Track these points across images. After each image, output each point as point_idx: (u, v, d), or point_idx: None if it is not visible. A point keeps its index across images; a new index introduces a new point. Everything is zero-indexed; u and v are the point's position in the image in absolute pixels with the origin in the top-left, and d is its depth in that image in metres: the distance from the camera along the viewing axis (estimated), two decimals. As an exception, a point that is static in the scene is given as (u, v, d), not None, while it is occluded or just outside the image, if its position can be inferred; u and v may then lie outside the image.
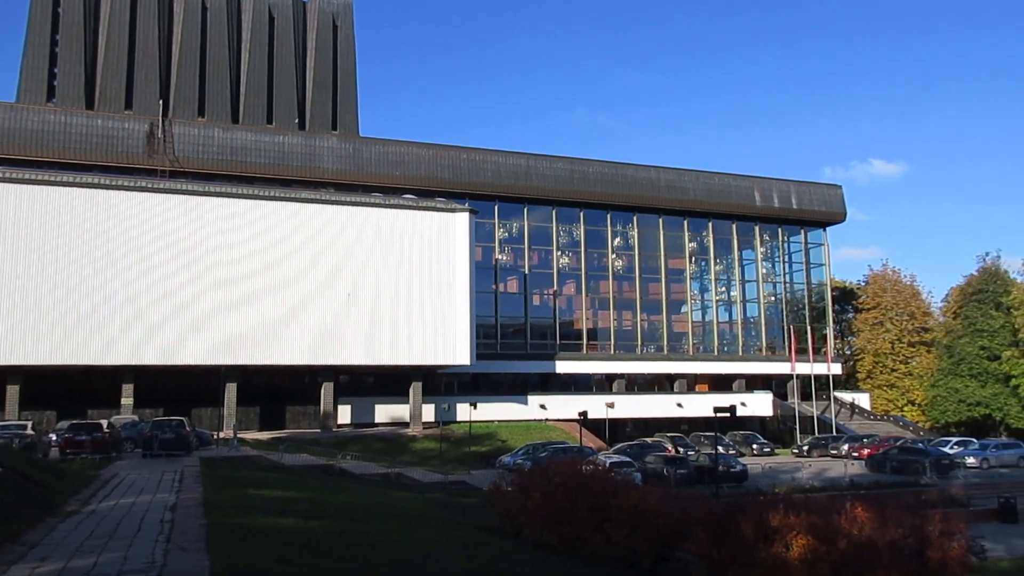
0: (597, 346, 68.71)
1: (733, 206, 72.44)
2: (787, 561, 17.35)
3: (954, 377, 71.61)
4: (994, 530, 31.45)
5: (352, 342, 49.48)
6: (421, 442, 50.22)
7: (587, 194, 67.32)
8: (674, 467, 38.15)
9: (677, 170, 71.58)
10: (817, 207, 75.56)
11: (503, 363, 63.26)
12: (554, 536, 20.12)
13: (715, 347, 72.67)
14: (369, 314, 49.86)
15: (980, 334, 71.17)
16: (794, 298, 77.58)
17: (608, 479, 22.36)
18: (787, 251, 78.21)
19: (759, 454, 54.40)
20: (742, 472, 39.21)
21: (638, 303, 69.91)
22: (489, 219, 64.61)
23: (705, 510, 20.42)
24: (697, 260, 74.53)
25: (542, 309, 67.62)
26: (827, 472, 42.98)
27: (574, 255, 68.97)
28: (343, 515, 19.41)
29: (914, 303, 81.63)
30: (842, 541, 17.82)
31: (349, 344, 49.41)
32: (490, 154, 65.26)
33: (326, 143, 60.91)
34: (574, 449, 41.22)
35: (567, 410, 56.08)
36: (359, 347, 49.66)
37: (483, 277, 61.68)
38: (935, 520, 18.88)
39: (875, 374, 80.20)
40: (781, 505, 19.49)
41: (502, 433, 54.45)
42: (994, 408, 69.55)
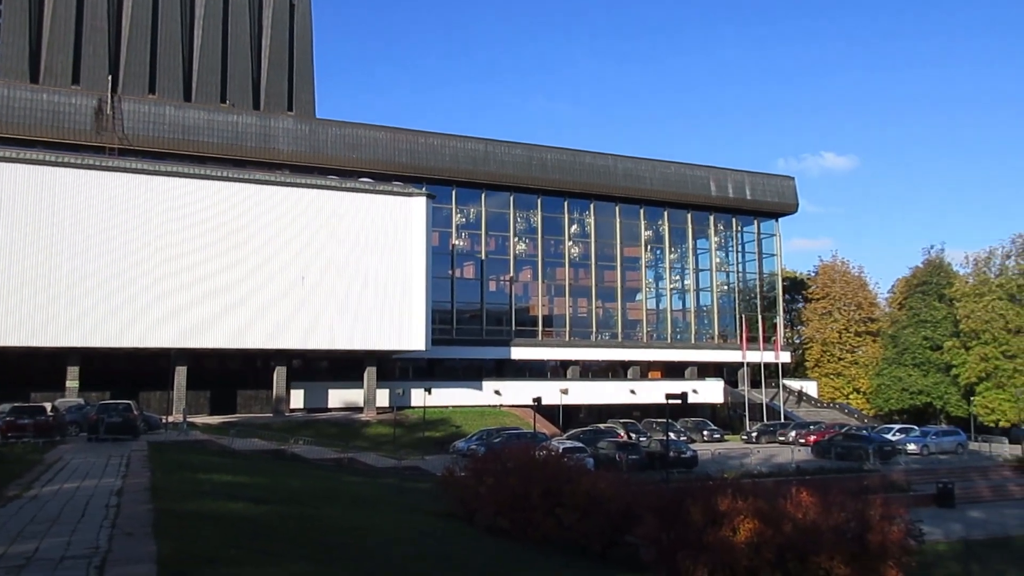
0: (552, 332, 69.03)
1: (689, 195, 73.19)
2: (734, 545, 17.72)
3: (898, 366, 73.56)
4: (932, 514, 32.49)
5: (306, 326, 48.93)
6: (375, 427, 50.01)
7: (545, 181, 67.40)
8: (626, 453, 38.60)
9: (634, 159, 72.05)
10: (770, 198, 76.74)
11: (458, 349, 63.24)
12: (507, 521, 20.24)
13: (668, 335, 73.54)
14: (323, 298, 49.34)
15: (923, 325, 73.16)
16: (746, 287, 78.83)
17: (561, 465, 22.53)
18: (740, 241, 79.35)
19: (709, 440, 55.25)
20: (692, 458, 39.80)
21: (593, 290, 70.37)
22: (446, 204, 64.32)
23: (655, 495, 20.71)
24: (652, 248, 75.22)
25: (498, 295, 67.68)
26: (775, 458, 43.87)
27: (531, 241, 69.09)
28: (294, 500, 19.28)
29: (861, 294, 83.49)
30: (787, 525, 18.25)
31: (303, 328, 48.85)
32: (448, 139, 64.92)
33: (281, 124, 59.92)
34: (528, 435, 41.43)
35: (522, 396, 56.30)
36: (313, 331, 49.14)
37: (440, 262, 61.45)
38: (876, 505, 19.44)
39: (823, 363, 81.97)
40: (729, 490, 19.87)
41: (456, 418, 54.48)
42: (935, 397, 71.65)
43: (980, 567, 24.03)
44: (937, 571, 22.72)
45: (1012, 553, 26.85)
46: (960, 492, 37.29)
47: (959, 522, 31.83)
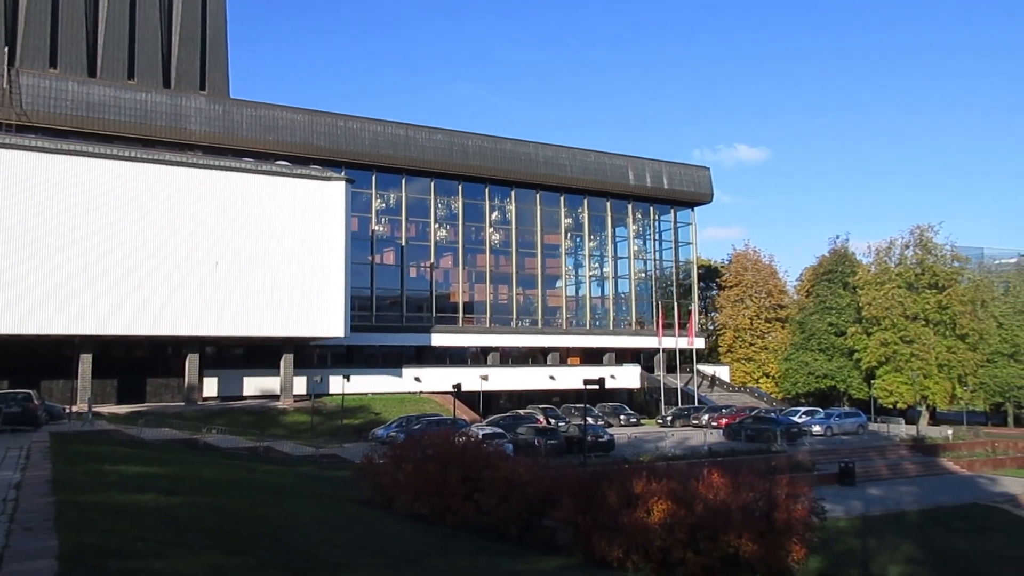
0: (473, 319, 69.09)
1: (608, 184, 74.18)
2: (648, 526, 18.21)
3: (805, 351, 76.56)
4: (834, 492, 34.09)
5: (219, 312, 47.53)
6: (292, 415, 49.16)
7: (466, 167, 67.21)
8: (545, 438, 39.05)
9: (555, 146, 72.54)
10: (686, 188, 78.47)
11: (378, 335, 62.64)
12: (425, 507, 20.27)
13: (587, 321, 74.56)
14: (238, 283, 48.01)
15: (829, 311, 76.30)
16: (663, 275, 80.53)
17: (480, 450, 22.67)
18: (658, 229, 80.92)
19: (626, 424, 56.42)
20: (609, 442, 40.56)
21: (514, 277, 70.71)
22: (366, 189, 63.46)
23: (573, 479, 21.08)
24: (572, 236, 75.99)
25: (419, 281, 67.28)
26: (688, 441, 45.12)
27: (452, 228, 68.85)
28: (207, 490, 18.82)
29: (772, 282, 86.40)
30: (699, 505, 18.85)
31: (216, 314, 47.44)
32: (368, 123, 63.96)
33: (193, 103, 57.86)
34: (448, 421, 41.46)
35: (442, 382, 56.24)
36: (227, 317, 47.78)
37: (359, 248, 60.64)
38: (782, 484, 20.29)
39: (735, 348, 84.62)
40: (644, 473, 20.41)
41: (376, 406, 54.06)
42: (839, 380, 74.92)
43: (877, 541, 25.30)
44: (837, 546, 23.80)
45: (906, 527, 28.37)
46: (860, 471, 39.18)
47: (859, 499, 33.43)
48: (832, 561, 21.62)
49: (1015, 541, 27.51)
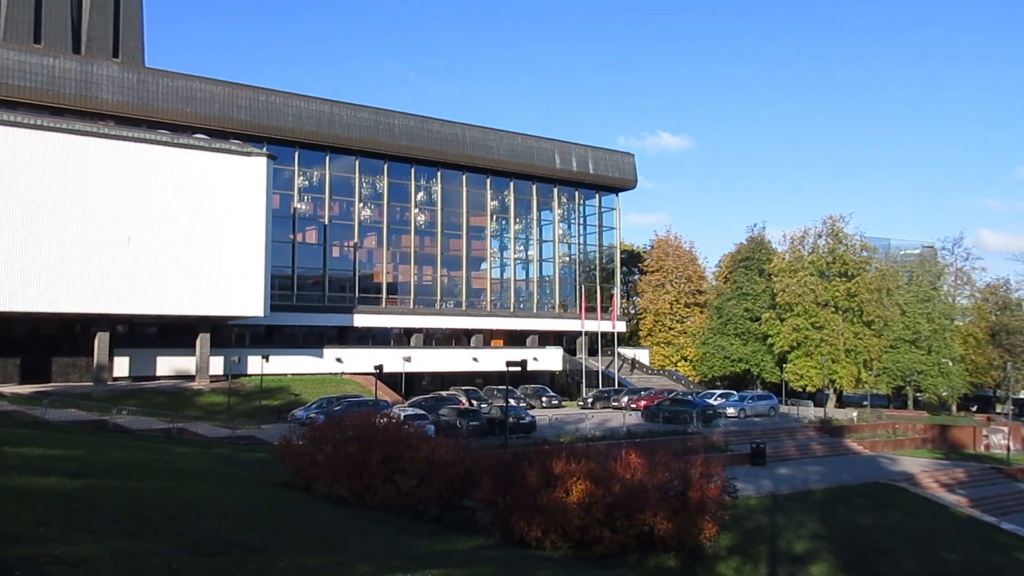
0: (397, 300, 68.53)
1: (534, 167, 74.40)
2: (567, 505, 18.53)
3: (721, 336, 78.73)
4: (746, 472, 35.25)
5: (132, 289, 45.78)
6: (208, 396, 47.92)
7: (392, 146, 66.35)
8: (467, 419, 39.13)
9: (482, 128, 72.29)
10: (611, 173, 79.36)
11: (299, 315, 61.56)
12: (345, 488, 20.14)
13: (512, 304, 74.89)
14: (152, 260, 46.30)
15: (745, 297, 78.59)
16: (586, 259, 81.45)
17: (401, 431, 22.63)
18: (582, 214, 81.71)
19: (548, 406, 57.01)
20: (531, 423, 40.91)
21: (439, 258, 70.38)
22: (288, 166, 62.02)
23: (493, 460, 21.25)
24: (498, 218, 76.04)
25: (342, 261, 66.31)
26: (608, 423, 45.89)
27: (376, 207, 68.01)
28: (116, 473, 18.20)
29: (692, 267, 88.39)
30: (617, 485, 19.27)
31: (128, 291, 45.67)
32: (291, 98, 62.41)
33: (105, 71, 55.31)
34: (369, 402, 41.13)
35: (364, 363, 55.65)
36: (140, 295, 46.06)
37: (280, 226, 59.31)
38: (697, 464, 20.91)
39: (655, 332, 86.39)
40: (564, 454, 20.72)
41: (296, 387, 53.18)
42: (753, 364, 77.37)
43: (784, 518, 26.31)
44: (748, 523, 24.65)
45: (812, 504, 29.60)
46: (771, 451, 40.62)
47: (769, 478, 34.67)
48: (742, 538, 22.38)
49: (911, 517, 29.05)
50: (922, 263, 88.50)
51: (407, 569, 11.44)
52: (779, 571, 19.63)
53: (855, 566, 20.75)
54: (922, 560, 22.15)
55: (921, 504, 32.17)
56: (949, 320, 77.12)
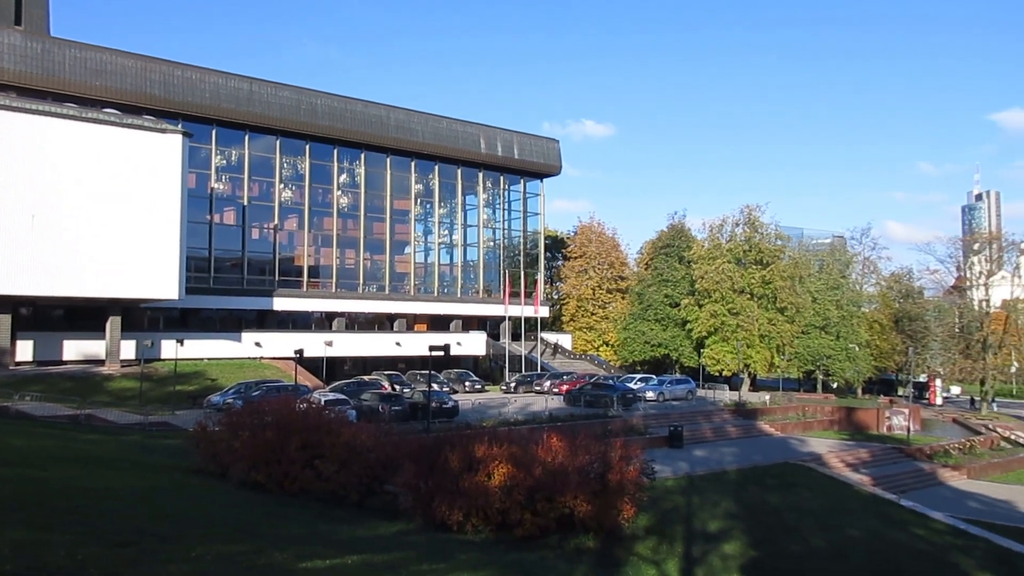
0: (318, 284, 67.38)
1: (459, 151, 74.04)
2: (489, 489, 18.63)
3: (642, 321, 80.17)
4: (664, 454, 36.15)
5: (36, 269, 43.63)
6: (118, 381, 46.24)
7: (314, 127, 64.96)
8: (389, 404, 38.92)
9: (407, 111, 71.47)
10: (536, 159, 79.65)
11: (216, 298, 59.91)
12: (262, 475, 19.80)
13: (435, 288, 74.57)
14: (59, 239, 44.22)
15: (665, 283, 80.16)
16: (511, 244, 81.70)
17: (322, 417, 22.34)
18: (507, 199, 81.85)
19: (471, 391, 57.13)
20: (453, 408, 40.95)
21: (362, 242, 69.45)
22: (205, 144, 60.08)
23: (415, 444, 21.20)
24: (422, 202, 75.48)
25: (261, 243, 64.73)
26: (531, 407, 46.31)
27: (298, 189, 66.57)
28: (17, 461, 17.41)
29: (614, 254, 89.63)
30: (538, 468, 19.48)
31: (32, 271, 43.52)
32: (208, 74, 60.33)
33: (6, 39, 52.31)
34: (289, 387, 40.49)
35: (284, 348, 54.61)
36: (45, 276, 43.93)
37: (197, 206, 57.47)
38: (617, 447, 21.30)
39: (578, 317, 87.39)
40: (486, 438, 20.81)
41: (212, 371, 51.79)
42: (672, 349, 79.08)
43: (700, 498, 27.08)
44: (665, 504, 25.28)
45: (726, 484, 30.55)
46: (688, 434, 41.70)
47: (686, 460, 35.61)
48: (659, 518, 22.93)
49: (817, 495, 30.30)
50: (832, 252, 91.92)
51: (326, 555, 11.32)
52: (693, 550, 20.19)
53: (765, 543, 21.51)
54: (827, 536, 23.12)
55: (827, 483, 33.56)
56: (856, 307, 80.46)
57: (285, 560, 10.66)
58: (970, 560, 22.10)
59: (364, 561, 12.01)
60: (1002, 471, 43.26)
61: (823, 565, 19.88)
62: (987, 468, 42.94)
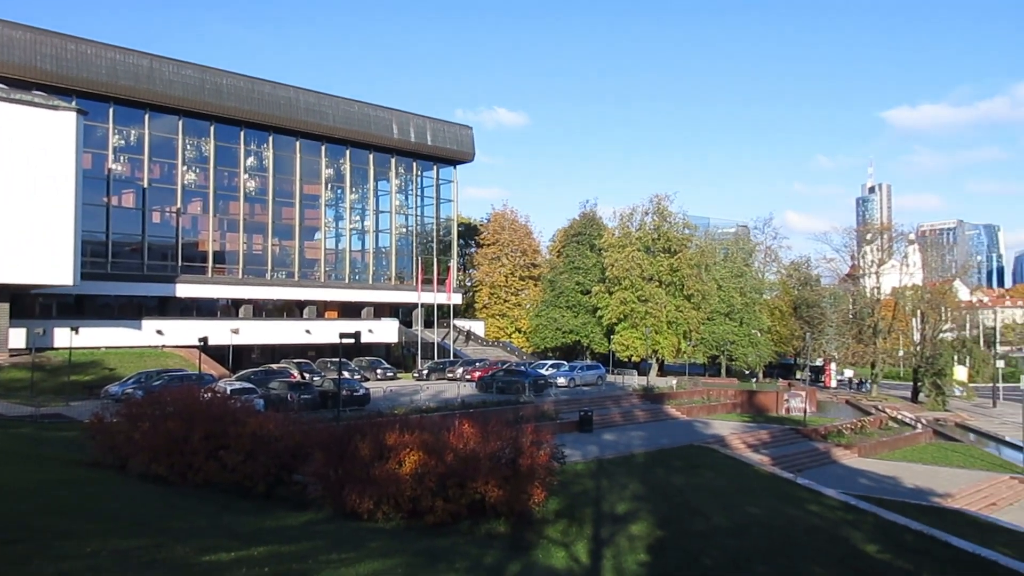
0: (224, 269, 65.41)
1: (371, 136, 72.97)
2: (400, 476, 18.56)
3: (554, 308, 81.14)
4: (574, 438, 36.73)
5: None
6: (7, 372, 43.86)
7: (219, 107, 62.80)
8: (298, 392, 38.26)
9: (317, 93, 69.93)
10: (450, 145, 79.26)
11: (114, 284, 57.43)
12: (164, 467, 19.23)
13: (347, 275, 73.45)
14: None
15: (577, 271, 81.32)
16: (424, 231, 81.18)
17: (227, 406, 21.82)
18: (420, 185, 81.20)
19: (383, 378, 56.67)
20: (365, 396, 40.54)
21: (270, 227, 67.72)
22: (102, 123, 57.35)
23: (325, 433, 20.92)
24: (333, 187, 74.12)
25: (163, 227, 62.32)
26: (443, 394, 46.26)
27: (202, 172, 64.33)
28: None
29: (527, 241, 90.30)
30: (450, 455, 19.51)
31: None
32: (105, 49, 57.49)
33: None
34: (193, 376, 39.34)
35: (188, 336, 52.86)
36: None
37: (93, 188, 54.86)
38: (528, 433, 21.52)
39: (490, 304, 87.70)
40: (398, 425, 20.72)
41: (110, 360, 49.72)
42: (583, 335, 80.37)
43: (609, 481, 27.65)
44: (574, 487, 25.71)
45: (634, 467, 31.29)
46: (598, 418, 42.46)
47: (595, 444, 36.27)
48: (569, 501, 23.31)
49: (720, 475, 31.39)
50: (736, 241, 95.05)
51: (231, 548, 11.07)
52: (602, 531, 20.63)
53: (670, 523, 22.17)
54: (729, 515, 24.00)
55: (730, 464, 34.80)
56: (759, 294, 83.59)
57: (187, 554, 10.37)
58: (859, 534, 23.32)
59: (271, 552, 11.79)
60: (889, 449, 45.75)
61: (725, 542, 20.63)
62: (876, 446, 45.34)
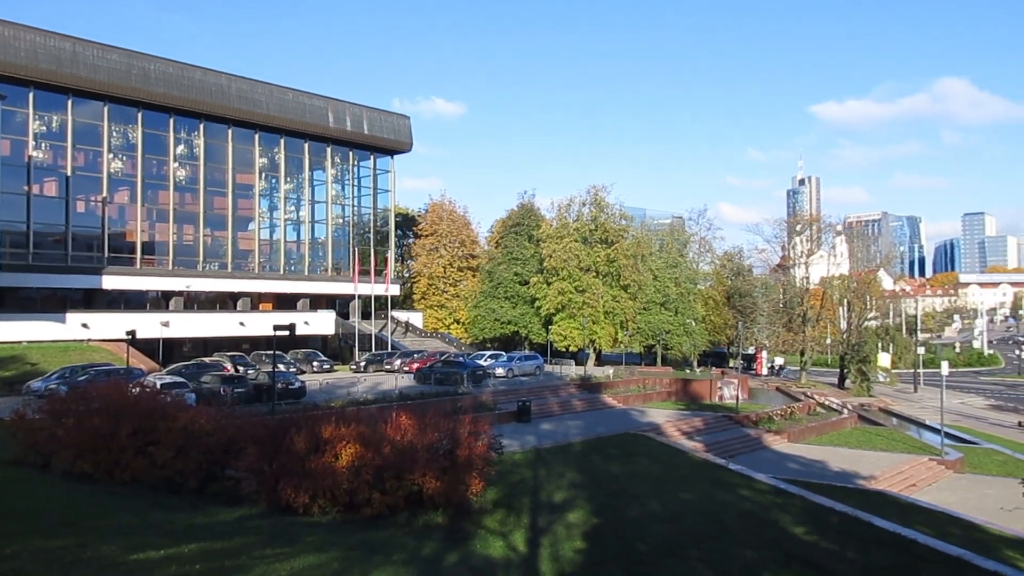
0: (154, 261, 63.56)
1: (306, 125, 71.73)
2: (336, 469, 18.41)
3: (492, 299, 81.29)
4: (513, 429, 36.90)
5: None
6: (-80, 368, 41.94)
7: (147, 94, 60.84)
8: (231, 386, 37.54)
9: (250, 80, 68.36)
10: (387, 135, 78.42)
11: (37, 276, 55.34)
12: (89, 464, 18.69)
13: (281, 266, 72.19)
14: None
15: (515, 262, 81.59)
16: (361, 221, 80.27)
17: (156, 401, 21.32)
18: (356, 175, 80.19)
19: (319, 371, 55.99)
20: (300, 389, 39.99)
21: (202, 217, 66.04)
22: (22, 108, 55.03)
23: (259, 427, 20.60)
24: (267, 177, 72.66)
25: (88, 217, 60.18)
26: (381, 386, 45.93)
27: (129, 160, 62.32)
28: None
29: (465, 232, 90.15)
30: (387, 447, 19.43)
31: None
32: (23, 31, 55.11)
33: None
34: (120, 371, 38.25)
35: (115, 329, 51.22)
36: None
37: (12, 176, 52.80)
38: (466, 423, 21.57)
39: (429, 295, 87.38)
40: (334, 418, 20.53)
41: (33, 355, 47.91)
42: (521, 326, 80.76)
43: (546, 470, 27.90)
44: (512, 477, 25.85)
45: (571, 456, 31.62)
46: (536, 408, 42.76)
47: (533, 434, 36.51)
48: (507, 491, 23.44)
49: (655, 463, 31.96)
50: (672, 232, 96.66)
51: (160, 545, 10.82)
52: (539, 520, 20.81)
53: (606, 510, 22.49)
54: (663, 501, 24.48)
55: (665, 451, 35.46)
56: (693, 284, 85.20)
57: (114, 553, 10.10)
58: (788, 516, 24.06)
59: (202, 549, 11.56)
60: (817, 434, 47.22)
61: (659, 528, 21.04)
62: (805, 432, 46.75)
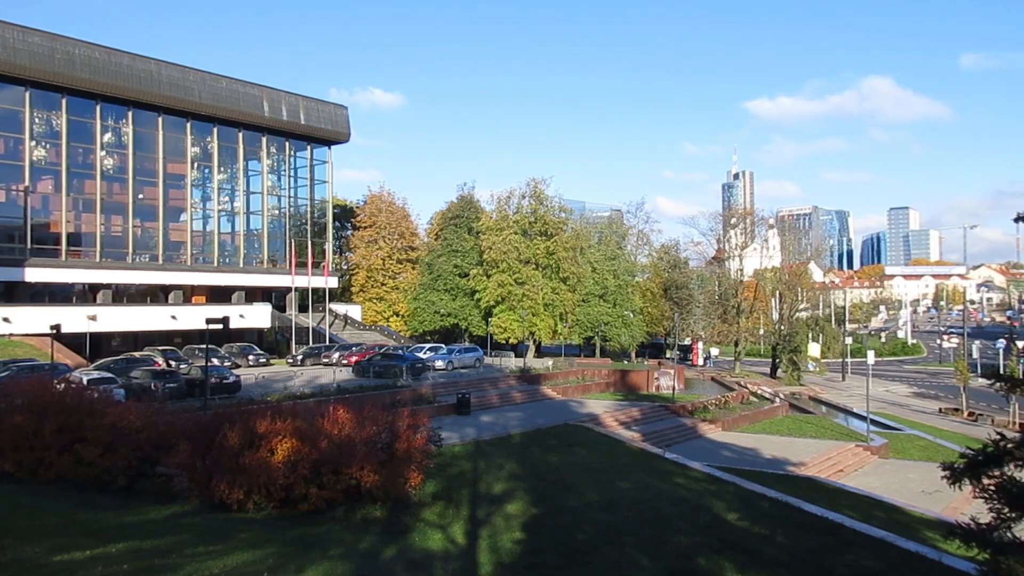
0: (80, 252, 61.43)
1: (241, 114, 70.14)
2: (271, 465, 18.12)
3: (432, 291, 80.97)
4: (452, 421, 36.90)
5: None
6: None
7: (72, 79, 58.62)
8: (163, 381, 36.62)
9: (181, 67, 66.47)
10: (324, 125, 77.23)
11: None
12: (10, 463, 18.06)
13: (215, 258, 70.54)
14: None
15: (455, 254, 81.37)
16: (297, 212, 78.96)
17: (83, 398, 20.66)
18: (293, 166, 78.80)
19: (255, 365, 54.98)
20: (235, 383, 39.21)
21: (131, 207, 64.03)
22: (-65, 92, 52.57)
23: (192, 423, 20.18)
24: (200, 166, 70.83)
25: (9, 207, 57.83)
26: (319, 379, 45.36)
27: (53, 148, 60.02)
28: None
29: (404, 224, 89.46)
30: (324, 441, 19.20)
31: None
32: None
33: None
34: (45, 367, 36.94)
35: (39, 323, 49.39)
36: None
37: (-75, 163, 50.30)
38: (404, 417, 21.49)
39: (367, 288, 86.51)
40: (269, 413, 20.19)
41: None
42: (461, 318, 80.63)
43: (486, 462, 27.95)
44: (452, 469, 25.83)
45: (511, 448, 31.75)
46: (476, 400, 42.83)
47: (473, 426, 36.55)
48: (446, 483, 23.41)
49: (593, 453, 32.33)
50: (610, 225, 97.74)
51: (86, 546, 10.49)
52: (479, 512, 20.84)
53: (545, 501, 22.65)
54: (601, 490, 24.76)
55: (603, 441, 35.89)
56: (631, 276, 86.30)
57: (37, 554, 9.75)
58: (721, 503, 24.59)
59: (131, 548, 11.24)
60: (750, 423, 48.42)
61: (597, 517, 21.28)
62: (738, 420, 47.88)
